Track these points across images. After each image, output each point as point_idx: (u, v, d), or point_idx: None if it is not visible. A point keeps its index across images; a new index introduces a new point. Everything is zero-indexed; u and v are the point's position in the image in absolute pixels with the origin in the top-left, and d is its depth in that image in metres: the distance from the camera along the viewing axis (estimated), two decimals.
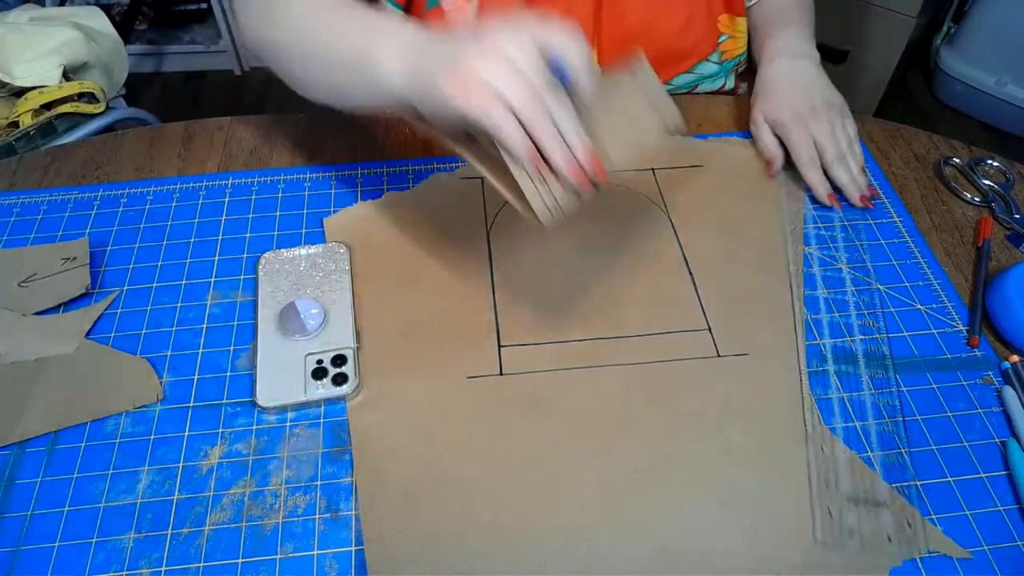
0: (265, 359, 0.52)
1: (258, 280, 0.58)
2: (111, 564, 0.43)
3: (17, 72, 1.09)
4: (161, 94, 2.06)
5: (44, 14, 1.20)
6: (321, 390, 0.50)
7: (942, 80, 1.92)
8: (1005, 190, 0.66)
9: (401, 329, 0.55)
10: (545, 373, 0.52)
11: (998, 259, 0.61)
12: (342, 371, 0.51)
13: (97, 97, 1.15)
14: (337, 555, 0.44)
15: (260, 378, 0.51)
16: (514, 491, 0.46)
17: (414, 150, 0.70)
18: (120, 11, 1.94)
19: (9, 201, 0.65)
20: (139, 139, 0.71)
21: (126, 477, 0.47)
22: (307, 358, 0.52)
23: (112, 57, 1.23)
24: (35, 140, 1.06)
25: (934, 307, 0.57)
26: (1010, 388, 0.51)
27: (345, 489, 0.47)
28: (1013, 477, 0.47)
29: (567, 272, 0.59)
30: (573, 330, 0.55)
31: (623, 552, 0.44)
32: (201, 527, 0.45)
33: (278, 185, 0.66)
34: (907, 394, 0.52)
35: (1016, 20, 1.69)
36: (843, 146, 0.64)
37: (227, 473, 0.47)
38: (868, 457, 0.48)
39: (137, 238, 0.62)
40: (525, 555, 0.44)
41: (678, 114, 0.52)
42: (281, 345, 0.53)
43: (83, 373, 0.52)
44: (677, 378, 0.52)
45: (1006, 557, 0.44)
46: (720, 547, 0.44)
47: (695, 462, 0.48)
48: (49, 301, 0.56)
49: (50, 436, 0.49)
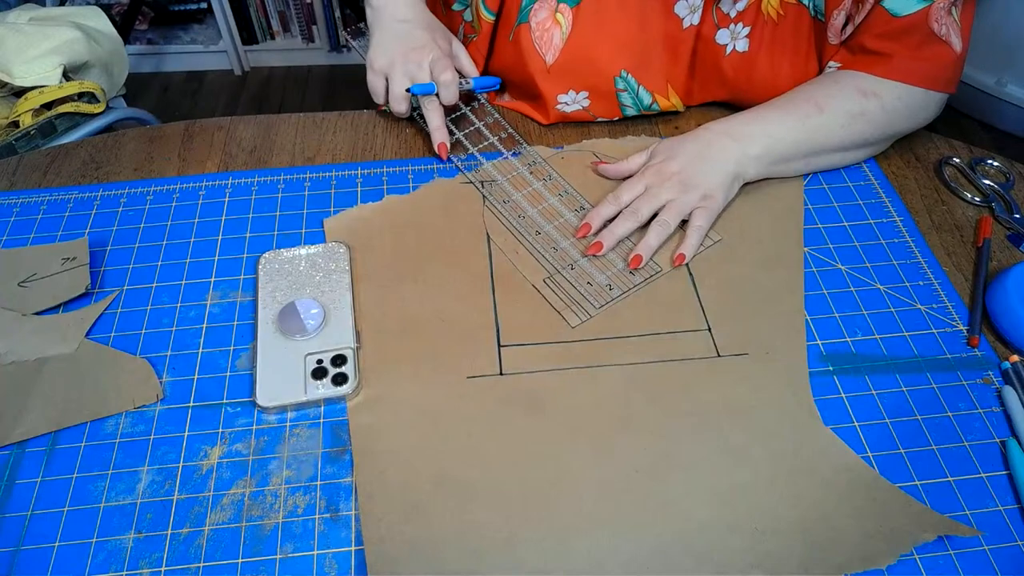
0: (265, 359, 0.52)
1: (258, 280, 0.58)
2: (111, 564, 0.43)
3: (17, 72, 1.09)
4: (161, 94, 2.06)
5: (44, 14, 1.20)
6: (321, 390, 0.50)
7: None
8: (1005, 190, 0.66)
9: (401, 329, 0.55)
10: (545, 373, 0.52)
11: (998, 259, 0.61)
12: (342, 371, 0.51)
13: (97, 97, 1.15)
14: (337, 555, 0.44)
15: (260, 378, 0.51)
16: (514, 491, 0.46)
17: (414, 150, 0.70)
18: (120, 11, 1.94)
19: (9, 201, 0.65)
20: (139, 139, 0.71)
21: (126, 477, 0.47)
22: (307, 358, 0.52)
23: (112, 57, 1.23)
24: (35, 140, 1.06)
25: (934, 307, 0.57)
26: (1010, 388, 0.51)
27: (345, 489, 0.47)
28: (1013, 477, 0.47)
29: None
30: (573, 330, 0.55)
31: (623, 552, 0.44)
32: (201, 527, 0.45)
33: (278, 185, 0.66)
34: (907, 394, 0.52)
35: (1016, 20, 1.69)
36: (666, 215, 0.59)
37: (227, 473, 0.47)
38: (868, 457, 0.48)
39: (137, 238, 0.62)
40: (525, 555, 0.44)
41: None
42: (281, 345, 0.53)
43: (83, 373, 0.52)
44: (677, 378, 0.52)
45: (1006, 557, 0.44)
46: (720, 547, 0.44)
47: (695, 462, 0.48)
48: (49, 301, 0.56)
49: (50, 436, 0.49)
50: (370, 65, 0.68)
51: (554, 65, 0.67)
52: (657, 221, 0.59)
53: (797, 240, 0.61)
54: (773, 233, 0.62)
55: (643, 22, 0.65)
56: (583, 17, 0.65)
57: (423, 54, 0.66)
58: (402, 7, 0.69)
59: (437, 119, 0.66)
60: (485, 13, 0.68)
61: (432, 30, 0.69)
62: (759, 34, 0.65)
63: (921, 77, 0.62)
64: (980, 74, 1.82)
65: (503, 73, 0.73)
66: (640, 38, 0.66)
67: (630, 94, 0.69)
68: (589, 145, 0.70)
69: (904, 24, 0.60)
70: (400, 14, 0.69)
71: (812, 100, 0.63)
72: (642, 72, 0.68)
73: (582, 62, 0.67)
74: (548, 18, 0.65)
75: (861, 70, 0.63)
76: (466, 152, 0.68)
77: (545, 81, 0.68)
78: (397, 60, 0.66)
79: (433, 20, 0.71)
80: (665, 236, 0.59)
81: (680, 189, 0.60)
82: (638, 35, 0.66)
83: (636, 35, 0.66)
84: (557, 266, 0.58)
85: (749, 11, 0.64)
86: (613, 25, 0.65)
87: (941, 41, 0.60)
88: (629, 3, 0.64)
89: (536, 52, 0.67)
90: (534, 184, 0.65)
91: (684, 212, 0.59)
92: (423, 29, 0.68)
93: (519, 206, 0.63)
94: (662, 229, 0.59)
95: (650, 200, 0.60)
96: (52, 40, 1.12)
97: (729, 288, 0.58)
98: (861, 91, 0.63)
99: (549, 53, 0.66)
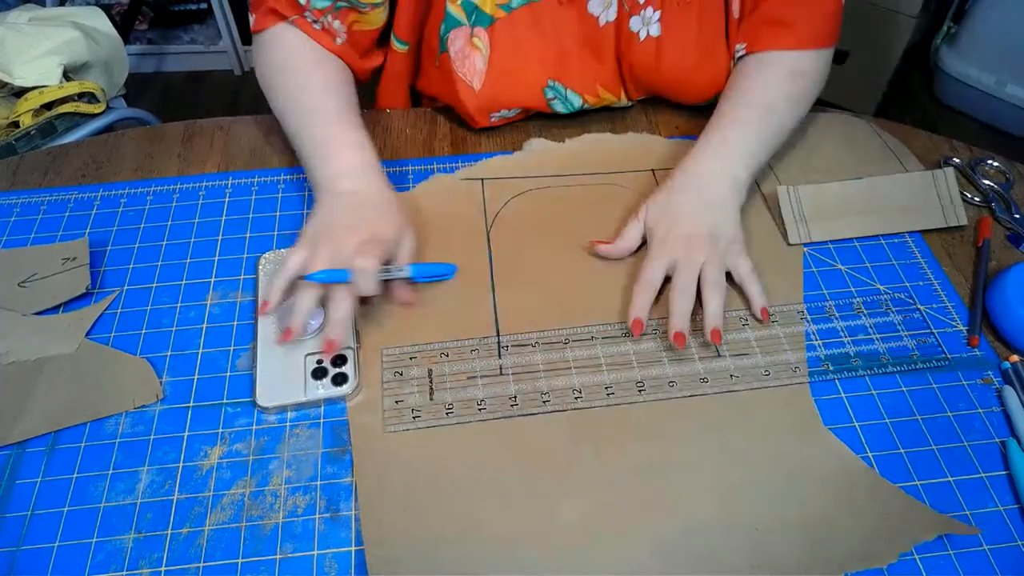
0: (265, 359, 0.52)
1: (258, 280, 0.58)
2: (111, 564, 0.43)
3: (17, 72, 1.09)
4: (161, 94, 2.06)
5: (44, 14, 1.20)
6: (321, 390, 0.50)
7: (942, 80, 1.92)
8: (1005, 190, 0.66)
9: (401, 329, 0.55)
10: (545, 373, 0.52)
11: (998, 259, 0.61)
12: (342, 371, 0.51)
13: (97, 97, 1.15)
14: (337, 555, 0.44)
15: (260, 378, 0.51)
16: (514, 491, 0.46)
17: (414, 150, 0.70)
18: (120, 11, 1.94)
19: (9, 201, 0.65)
20: (139, 139, 0.71)
21: (126, 477, 0.47)
22: (307, 358, 0.52)
23: (112, 57, 1.23)
24: (35, 140, 1.07)
25: (934, 307, 0.57)
26: (1010, 388, 0.51)
27: (345, 489, 0.47)
28: (1013, 477, 0.47)
29: (567, 272, 0.59)
30: (571, 320, 0.55)
31: (623, 552, 0.44)
32: (201, 527, 0.45)
33: (278, 185, 0.66)
34: (907, 394, 0.52)
35: (1016, 20, 1.69)
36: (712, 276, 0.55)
37: (227, 473, 0.47)
38: (868, 457, 0.48)
39: (137, 238, 0.62)
40: (525, 555, 0.44)
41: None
42: (281, 345, 0.53)
43: (83, 373, 0.52)
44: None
45: (1006, 557, 0.44)
46: (720, 547, 0.44)
47: (695, 462, 0.48)
48: (49, 301, 0.56)
49: (50, 436, 0.49)
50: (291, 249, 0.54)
51: (482, 90, 0.66)
52: (708, 286, 0.54)
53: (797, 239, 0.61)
54: (772, 233, 0.62)
55: (559, 30, 0.66)
56: (499, 37, 0.65)
57: (352, 236, 0.53)
58: (348, 180, 0.57)
59: (340, 311, 0.51)
60: (397, 44, 0.67)
61: (376, 210, 0.56)
62: (668, 17, 0.65)
63: (825, 37, 0.65)
64: (980, 74, 1.82)
65: (433, 95, 0.73)
66: (559, 46, 0.66)
67: (559, 100, 0.69)
68: (591, 139, 0.70)
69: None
70: (344, 186, 0.57)
71: (757, 101, 0.63)
72: (568, 78, 0.68)
73: (508, 82, 0.67)
74: (465, 45, 0.65)
75: (768, 47, 0.64)
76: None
77: (476, 106, 0.67)
78: (317, 240, 0.53)
79: (384, 199, 0.57)
80: (724, 296, 0.54)
81: (708, 247, 0.56)
82: (557, 43, 0.66)
83: (555, 44, 0.66)
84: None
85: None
86: (530, 40, 0.65)
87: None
88: (542, 14, 0.64)
89: (462, 80, 0.66)
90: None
91: (724, 266, 0.56)
92: (365, 207, 0.56)
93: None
94: (718, 291, 0.54)
95: (690, 271, 0.55)
96: (52, 40, 1.12)
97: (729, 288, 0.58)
98: (790, 72, 0.64)
99: (475, 79, 0.66)
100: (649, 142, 0.71)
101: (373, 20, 0.64)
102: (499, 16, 0.64)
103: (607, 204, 0.64)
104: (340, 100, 0.62)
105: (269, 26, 0.63)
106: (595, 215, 0.63)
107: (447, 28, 0.64)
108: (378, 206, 0.57)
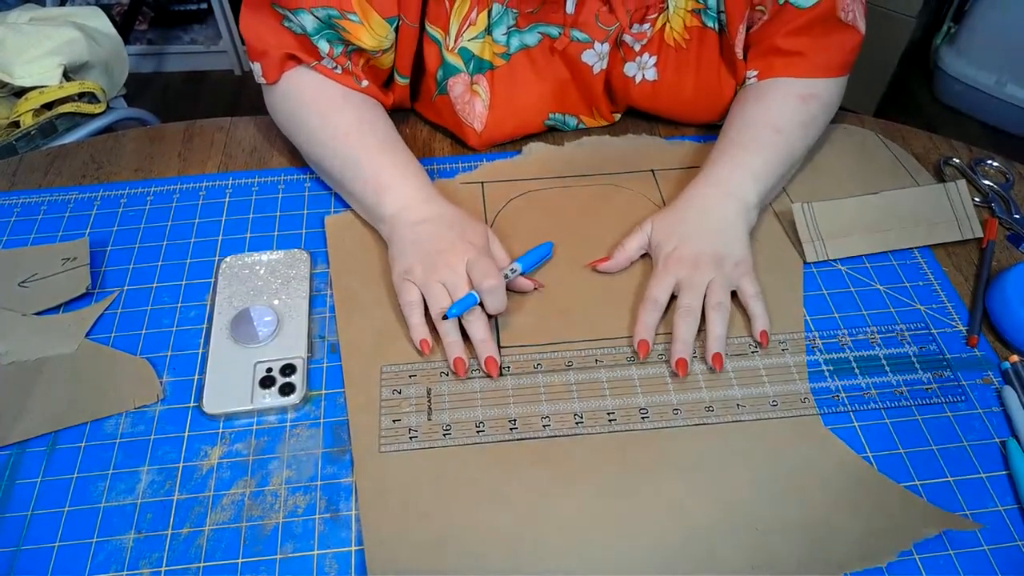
0: (215, 365, 0.52)
1: (216, 284, 0.57)
2: (111, 564, 0.43)
3: (17, 72, 1.09)
4: (161, 94, 2.06)
5: (44, 14, 1.20)
6: (268, 399, 0.50)
7: (942, 80, 1.92)
8: (1005, 190, 0.66)
9: (401, 328, 0.55)
10: (545, 373, 0.52)
11: (998, 259, 0.61)
12: (290, 381, 0.51)
13: (97, 97, 1.15)
14: (337, 555, 0.44)
15: (208, 384, 0.51)
16: (514, 491, 0.46)
17: (414, 151, 0.70)
18: (120, 11, 1.94)
19: (9, 201, 0.65)
20: (139, 139, 0.71)
21: (126, 477, 0.47)
22: (256, 366, 0.52)
23: (112, 57, 1.23)
24: (35, 140, 1.07)
25: (934, 307, 0.57)
26: (1010, 388, 0.51)
27: (345, 489, 0.47)
28: (1013, 477, 0.47)
29: (567, 272, 0.59)
30: (573, 331, 0.55)
31: (624, 553, 0.44)
32: (201, 527, 0.45)
33: (278, 185, 0.66)
34: (907, 394, 0.52)
35: (1016, 20, 1.69)
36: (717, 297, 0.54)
37: (227, 473, 0.47)
38: (868, 457, 0.48)
39: (137, 238, 0.62)
40: (525, 556, 0.44)
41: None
42: (232, 352, 0.53)
43: (83, 373, 0.52)
44: (678, 378, 0.52)
45: (1006, 557, 0.44)
46: (720, 547, 0.44)
47: (695, 462, 0.48)
48: (49, 301, 0.56)
49: (50, 436, 0.49)
50: (398, 289, 0.55)
51: (484, 131, 0.67)
52: (712, 308, 0.54)
53: (796, 239, 0.61)
54: (772, 233, 0.62)
55: (555, 75, 0.67)
56: (499, 82, 0.65)
57: (455, 258, 0.54)
58: (416, 207, 0.58)
59: (482, 331, 0.53)
60: (399, 79, 0.67)
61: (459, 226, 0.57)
62: (665, 61, 0.66)
63: (838, 66, 0.65)
64: (980, 74, 1.82)
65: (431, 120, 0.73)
66: (557, 87, 0.67)
67: (559, 124, 0.71)
68: (590, 142, 0.70)
69: (812, 16, 0.61)
70: (415, 215, 0.58)
71: (767, 125, 0.62)
72: (567, 107, 0.70)
73: (510, 121, 0.68)
74: (465, 91, 0.66)
75: (782, 74, 0.64)
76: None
77: (478, 143, 0.69)
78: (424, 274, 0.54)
79: (457, 213, 0.58)
80: (727, 319, 0.54)
81: (714, 267, 0.55)
82: (555, 85, 0.67)
83: (553, 86, 0.67)
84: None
85: (653, 42, 0.65)
86: (529, 83, 0.66)
87: (847, 27, 0.62)
88: (538, 60, 0.65)
89: (464, 123, 0.67)
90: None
91: (730, 287, 0.55)
92: (447, 228, 0.57)
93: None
94: (722, 314, 0.54)
95: (694, 292, 0.54)
96: (52, 40, 1.12)
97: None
98: (800, 97, 0.63)
99: (476, 122, 0.67)
100: (649, 143, 0.71)
101: (383, 62, 0.65)
102: (498, 64, 0.64)
103: (607, 205, 0.64)
104: (378, 130, 0.62)
105: (286, 71, 0.62)
106: (595, 216, 0.63)
107: (445, 75, 0.65)
108: (454, 222, 0.57)
